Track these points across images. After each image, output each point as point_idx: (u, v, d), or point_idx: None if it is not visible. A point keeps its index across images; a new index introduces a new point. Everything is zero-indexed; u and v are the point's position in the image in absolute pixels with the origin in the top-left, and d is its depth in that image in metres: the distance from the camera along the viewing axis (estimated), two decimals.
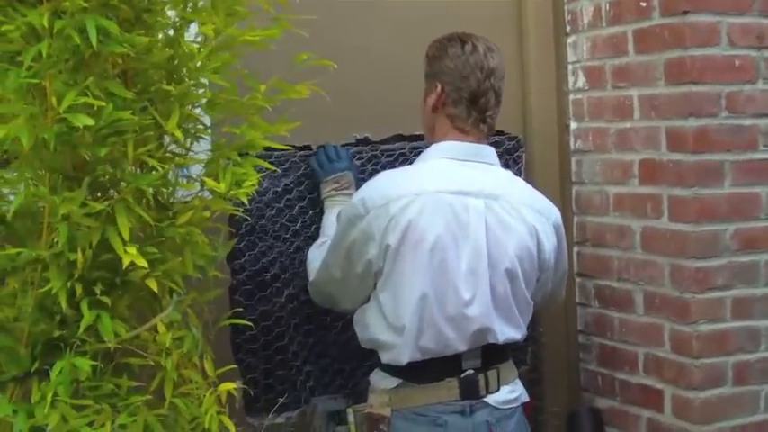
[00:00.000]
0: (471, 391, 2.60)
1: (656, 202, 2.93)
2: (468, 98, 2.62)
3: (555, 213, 2.74)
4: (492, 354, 2.63)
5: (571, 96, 3.26)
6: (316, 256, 2.74)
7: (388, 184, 2.59)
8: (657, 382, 2.94)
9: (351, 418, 2.67)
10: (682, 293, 2.85)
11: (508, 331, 2.62)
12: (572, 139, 3.26)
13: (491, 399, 2.62)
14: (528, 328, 2.72)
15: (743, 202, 2.86)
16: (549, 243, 2.69)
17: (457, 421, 2.57)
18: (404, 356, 2.56)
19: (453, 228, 2.54)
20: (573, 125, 3.25)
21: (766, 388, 2.90)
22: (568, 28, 3.26)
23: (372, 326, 2.61)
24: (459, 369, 2.60)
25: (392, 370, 2.61)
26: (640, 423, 3.01)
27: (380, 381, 2.64)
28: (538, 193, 2.74)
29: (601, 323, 3.16)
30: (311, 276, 2.73)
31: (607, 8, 3.09)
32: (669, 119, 2.88)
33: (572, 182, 3.25)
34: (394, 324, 2.55)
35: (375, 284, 2.58)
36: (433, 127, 2.67)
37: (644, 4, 2.94)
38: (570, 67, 3.26)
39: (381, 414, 2.59)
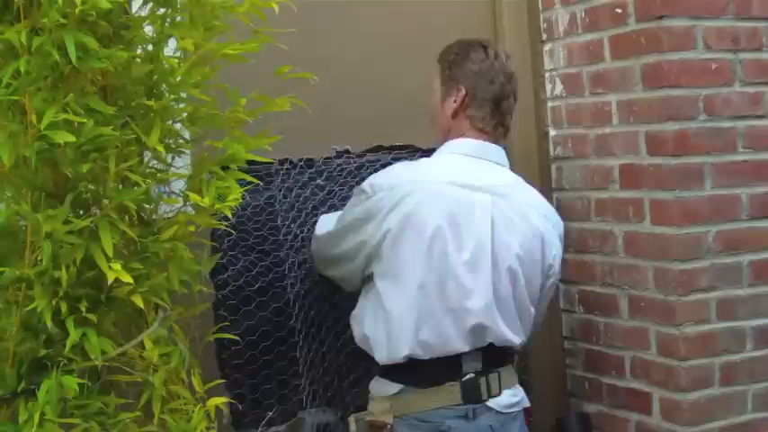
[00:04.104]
0: (473, 395, 2.60)
1: (637, 206, 2.94)
2: (492, 101, 2.69)
3: (561, 224, 2.81)
4: (493, 357, 2.63)
5: (549, 104, 3.27)
6: (326, 222, 2.75)
7: (399, 172, 2.64)
8: (645, 385, 2.94)
9: (352, 426, 2.65)
10: (666, 296, 2.86)
11: (507, 333, 2.62)
12: (551, 146, 3.27)
13: (494, 402, 2.62)
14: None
15: (724, 204, 2.88)
16: (555, 249, 2.74)
17: (460, 425, 2.57)
18: (402, 349, 2.56)
19: (456, 219, 2.56)
20: (552, 132, 3.27)
21: (753, 388, 2.91)
22: (544, 36, 3.28)
23: (369, 320, 2.61)
24: (459, 372, 2.60)
25: (392, 375, 2.61)
26: (629, 427, 3.01)
27: (381, 388, 2.64)
28: (545, 200, 2.81)
29: (586, 328, 3.16)
30: (317, 232, 2.75)
31: (582, 15, 3.11)
32: (648, 123, 2.89)
33: (552, 188, 3.26)
34: (392, 314, 2.55)
35: (369, 273, 2.61)
36: (449, 129, 2.72)
37: (619, 11, 2.96)
38: (547, 74, 3.27)
39: (383, 421, 2.59)
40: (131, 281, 1.97)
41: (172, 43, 2.16)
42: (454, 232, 2.56)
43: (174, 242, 2.11)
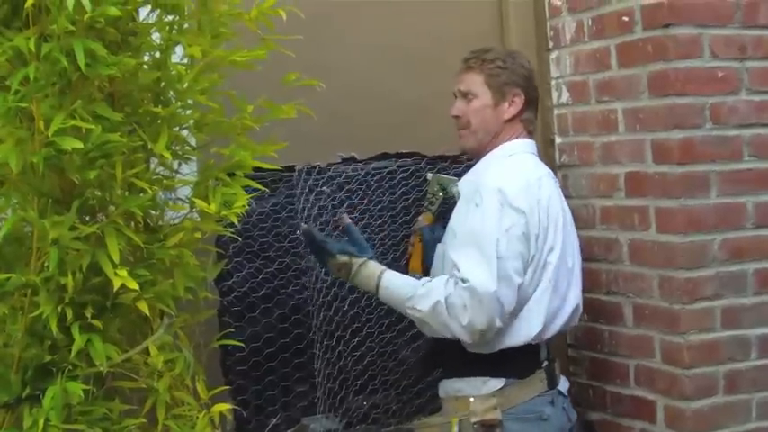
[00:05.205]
0: (554, 381, 2.71)
1: (642, 214, 2.94)
2: (535, 104, 2.82)
3: None
4: (552, 346, 2.76)
5: (555, 111, 3.27)
6: (455, 303, 2.54)
7: (510, 176, 2.68)
8: (649, 393, 2.94)
9: (456, 428, 2.63)
10: (671, 304, 2.85)
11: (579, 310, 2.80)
12: (557, 154, 3.26)
13: (562, 387, 2.73)
14: None
15: (730, 212, 2.88)
16: None
17: (552, 412, 2.66)
18: (537, 325, 2.63)
19: (563, 206, 2.75)
20: (558, 140, 3.26)
21: (757, 396, 2.90)
22: (551, 44, 3.27)
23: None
24: (538, 360, 2.68)
25: (488, 370, 2.62)
26: None
27: (480, 386, 2.64)
28: None
29: (591, 336, 3.16)
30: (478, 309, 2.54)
31: (589, 23, 3.11)
32: (654, 131, 2.89)
33: None
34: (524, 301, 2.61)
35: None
36: (499, 132, 2.78)
37: (626, 19, 2.95)
38: (554, 82, 3.27)
39: (494, 419, 2.60)
40: (137, 287, 1.98)
41: (179, 50, 2.16)
42: (567, 218, 2.74)
43: (179, 249, 2.12)
